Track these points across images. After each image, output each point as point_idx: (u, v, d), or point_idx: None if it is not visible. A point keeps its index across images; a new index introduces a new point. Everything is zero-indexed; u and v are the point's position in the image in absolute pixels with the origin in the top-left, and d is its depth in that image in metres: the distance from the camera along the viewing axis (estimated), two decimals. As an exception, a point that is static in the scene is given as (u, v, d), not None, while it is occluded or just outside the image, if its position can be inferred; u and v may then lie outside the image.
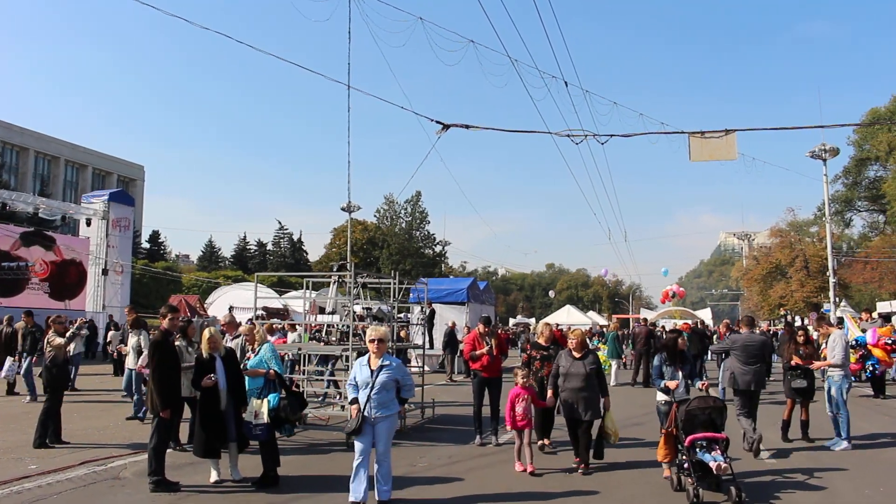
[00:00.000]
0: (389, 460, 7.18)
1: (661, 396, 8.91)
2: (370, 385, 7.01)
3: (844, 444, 10.65)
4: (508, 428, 9.17)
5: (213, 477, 8.23)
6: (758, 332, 12.45)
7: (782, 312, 59.06)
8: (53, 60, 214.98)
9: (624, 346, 30.93)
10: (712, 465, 7.34)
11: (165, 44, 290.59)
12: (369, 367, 7.16)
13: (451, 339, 22.52)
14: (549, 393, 9.41)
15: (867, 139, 53.18)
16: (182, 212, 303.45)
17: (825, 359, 11.20)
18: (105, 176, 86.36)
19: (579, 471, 8.89)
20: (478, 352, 10.98)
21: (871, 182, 58.21)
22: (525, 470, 8.81)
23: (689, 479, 7.53)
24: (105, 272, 33.17)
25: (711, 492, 7.62)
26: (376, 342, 7.21)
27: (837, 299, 34.81)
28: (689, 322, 25.49)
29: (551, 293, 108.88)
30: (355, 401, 7.10)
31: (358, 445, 7.05)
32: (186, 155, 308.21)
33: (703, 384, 8.74)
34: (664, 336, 11.33)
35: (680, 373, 8.80)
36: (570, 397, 9.02)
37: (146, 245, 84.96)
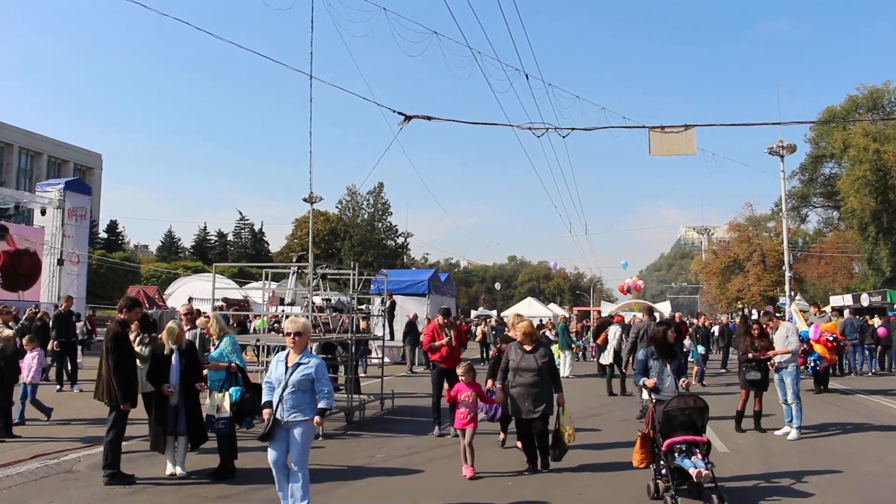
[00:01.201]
0: (306, 471, 6.28)
1: (646, 394, 8.35)
2: (283, 384, 6.22)
3: (796, 432, 10.88)
4: (452, 429, 8.58)
5: (169, 469, 8.13)
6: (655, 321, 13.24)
7: (740, 306, 60.01)
8: (2, 45, 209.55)
9: (583, 338, 31.25)
10: (692, 471, 6.75)
11: (122, 30, 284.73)
12: (285, 363, 6.36)
13: (411, 331, 22.50)
14: (498, 388, 8.69)
15: (823, 137, 54.24)
16: (141, 201, 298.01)
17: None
18: (61, 164, 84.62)
19: (528, 472, 8.41)
20: (437, 343, 11.01)
21: (826, 179, 59.44)
22: (473, 474, 8.13)
23: (666, 486, 6.95)
24: (60, 262, 32.46)
25: (692, 500, 7.00)
26: (293, 336, 6.37)
27: (793, 293, 35.45)
28: (622, 314, 25.58)
29: (497, 285, 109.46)
30: (269, 404, 6.27)
31: (271, 454, 6.28)
32: (146, 144, 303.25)
33: (684, 382, 7.90)
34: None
35: (668, 367, 8.04)
36: (520, 393, 8.33)
37: (104, 235, 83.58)
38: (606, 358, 17.64)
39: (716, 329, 29.94)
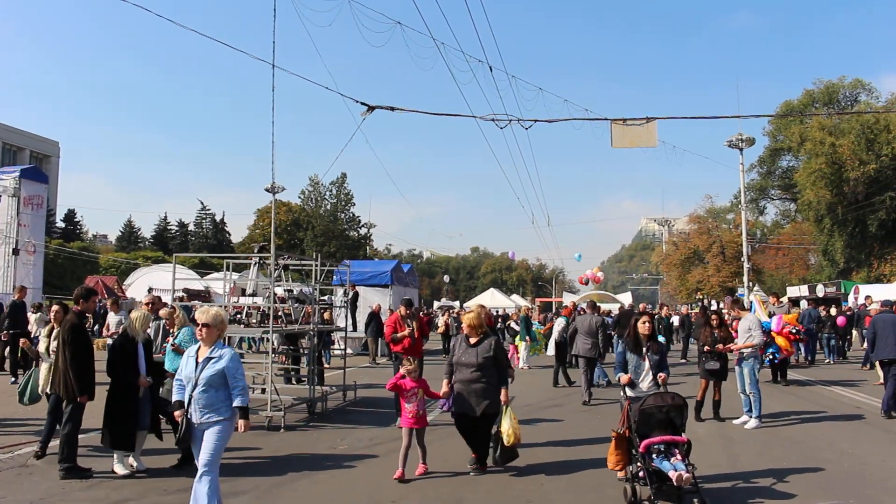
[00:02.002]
0: (215, 475, 5.70)
1: (628, 391, 7.68)
2: (193, 382, 5.68)
3: (755, 421, 11.06)
4: (399, 425, 7.97)
5: (121, 470, 7.92)
6: (596, 315, 15.21)
7: (699, 296, 60.93)
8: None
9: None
10: (672, 474, 6.32)
11: (80, 18, 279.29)
12: (195, 359, 5.79)
13: (374, 322, 22.39)
14: (444, 383, 8.11)
15: (781, 130, 55.14)
16: (100, 190, 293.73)
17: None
18: (17, 151, 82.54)
19: (471, 472, 7.89)
20: (399, 334, 10.97)
21: (783, 172, 60.54)
22: (401, 477, 7.58)
23: (643, 489, 6.59)
24: (16, 252, 31.73)
25: (672, 505, 6.58)
26: (203, 327, 5.78)
27: (751, 284, 36.05)
28: (568, 306, 25.85)
29: (446, 278, 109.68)
30: (179, 404, 5.78)
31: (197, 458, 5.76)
32: (104, 133, 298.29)
33: (662, 377, 7.54)
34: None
35: (646, 363, 7.62)
36: (461, 390, 7.87)
37: (61, 224, 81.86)
38: (551, 349, 18.01)
39: (675, 319, 30.31)
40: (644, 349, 7.71)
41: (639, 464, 6.70)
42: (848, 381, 16.97)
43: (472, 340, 8.03)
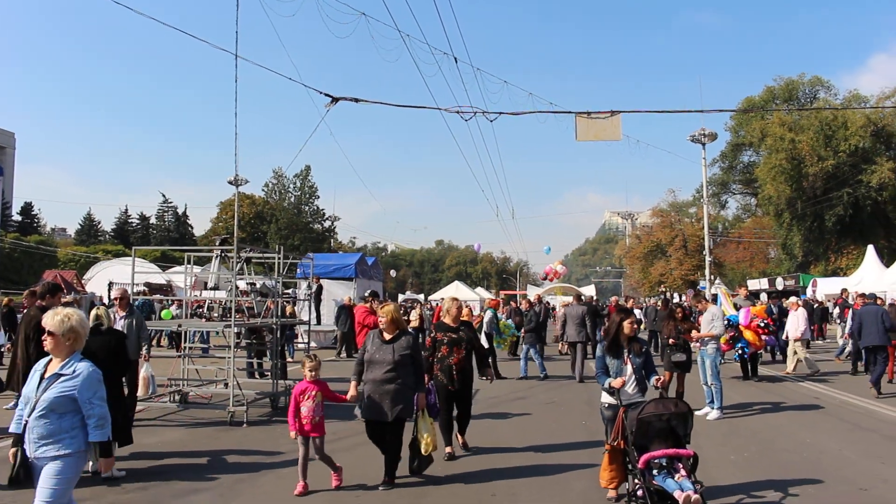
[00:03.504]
0: None
1: (605, 398, 6.89)
2: (32, 404, 4.36)
3: (717, 413, 11.20)
4: (292, 434, 7.07)
5: (89, 465, 7.73)
6: (582, 305, 17.36)
7: (662, 289, 61.64)
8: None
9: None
10: (678, 495, 5.45)
11: (33, 6, 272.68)
12: (41, 374, 4.50)
13: (344, 315, 22.13)
14: (352, 385, 7.34)
15: (742, 126, 55.96)
16: (58, 183, 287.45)
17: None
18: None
19: (380, 487, 7.12)
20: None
21: (745, 167, 61.47)
22: (303, 491, 6.90)
23: None
24: (-31, 245, 31.03)
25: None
26: (48, 336, 4.52)
27: (712, 277, 36.54)
28: (496, 298, 25.92)
29: (392, 272, 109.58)
30: (16, 439, 4.45)
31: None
32: (63, 124, 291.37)
33: (657, 380, 6.76)
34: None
35: (629, 366, 6.75)
36: (371, 391, 7.07)
37: (17, 217, 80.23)
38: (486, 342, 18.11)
39: (638, 312, 30.58)
40: (625, 351, 6.82)
41: (637, 481, 5.89)
42: (829, 378, 16.82)
43: (388, 336, 7.25)
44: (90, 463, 7.64)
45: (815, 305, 29.49)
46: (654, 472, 5.78)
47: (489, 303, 19.72)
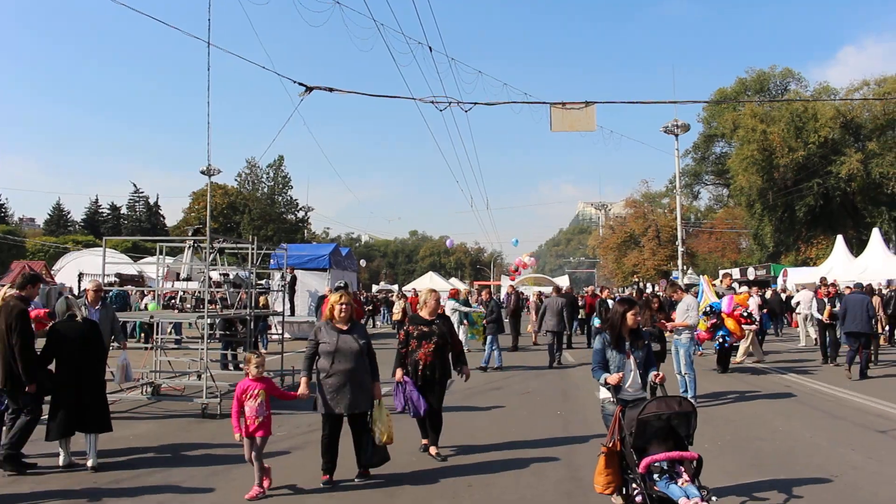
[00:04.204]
0: None
1: (604, 393, 6.36)
2: None
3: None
4: (237, 436, 6.70)
5: (62, 460, 7.58)
6: (561, 297, 18.57)
7: (635, 279, 62.06)
8: None
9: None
10: (683, 502, 5.11)
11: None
12: None
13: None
14: (302, 380, 7.09)
15: (715, 117, 56.40)
16: (26, 172, 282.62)
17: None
18: (-66, 131, 79.15)
19: (355, 479, 7.07)
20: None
21: (717, 158, 61.99)
22: (256, 496, 6.54)
23: None
24: (-66, 235, 30.43)
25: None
26: None
27: (685, 267, 36.87)
28: (456, 288, 25.90)
29: (363, 262, 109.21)
30: None
31: None
32: (32, 114, 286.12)
33: (655, 376, 6.17)
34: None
35: (631, 361, 6.26)
36: (340, 383, 6.82)
37: (-16, 207, 78.94)
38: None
39: (611, 302, 30.72)
40: (627, 344, 6.33)
41: (636, 486, 5.50)
42: (801, 367, 16.87)
43: (343, 326, 7.06)
44: (62, 457, 7.54)
45: (785, 295, 29.81)
46: (656, 476, 5.37)
47: (450, 293, 19.65)
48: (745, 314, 15.38)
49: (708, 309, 14.45)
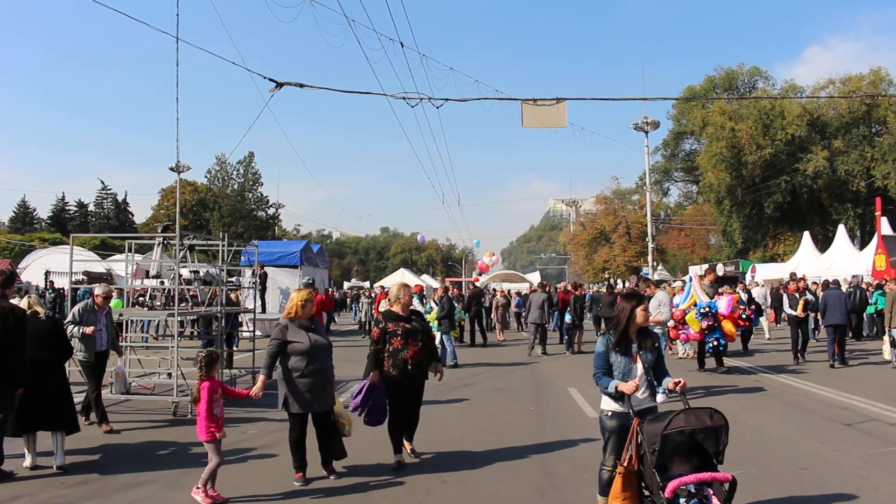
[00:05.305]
0: None
1: (607, 404, 5.55)
2: None
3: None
4: (218, 436, 6.50)
5: (28, 461, 7.46)
6: (543, 293, 19.76)
7: (606, 276, 62.48)
8: None
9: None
10: None
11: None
12: None
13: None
14: (261, 378, 6.86)
15: (684, 115, 56.98)
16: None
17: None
18: None
19: (331, 477, 7.03)
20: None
21: (686, 154, 62.66)
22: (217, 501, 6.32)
23: None
24: None
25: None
26: None
27: (655, 263, 37.22)
28: (420, 284, 25.94)
29: (327, 259, 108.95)
30: None
31: None
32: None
33: (673, 384, 5.38)
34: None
35: (639, 365, 5.46)
36: (315, 382, 6.81)
37: (-54, 204, 77.46)
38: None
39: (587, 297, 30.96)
40: (634, 346, 5.52)
41: None
42: (771, 362, 16.78)
43: (308, 324, 6.99)
44: (28, 458, 7.41)
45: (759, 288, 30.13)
46: (682, 501, 4.56)
47: (415, 289, 19.61)
48: (744, 316, 14.51)
49: (706, 310, 13.80)
